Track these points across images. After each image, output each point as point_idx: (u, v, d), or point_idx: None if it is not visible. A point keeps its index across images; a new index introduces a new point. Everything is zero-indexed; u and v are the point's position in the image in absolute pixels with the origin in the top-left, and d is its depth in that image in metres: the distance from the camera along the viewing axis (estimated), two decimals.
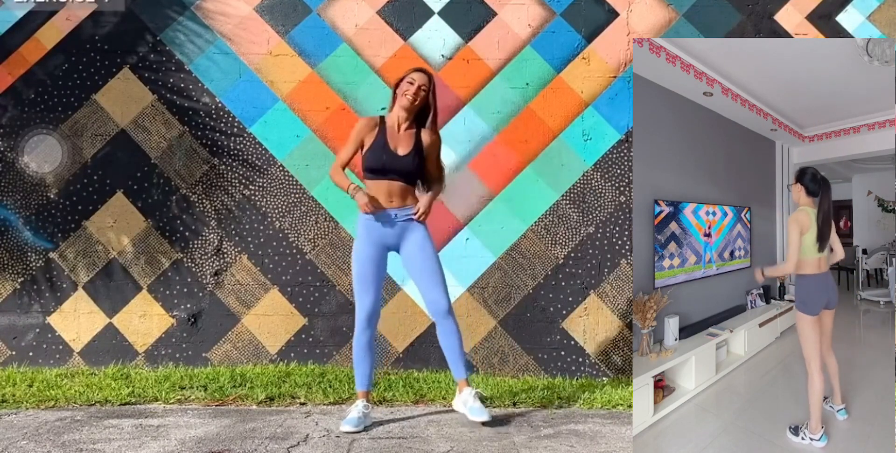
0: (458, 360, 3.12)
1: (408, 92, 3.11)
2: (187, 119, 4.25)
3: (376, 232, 3.11)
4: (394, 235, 3.13)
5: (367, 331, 3.12)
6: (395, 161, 3.10)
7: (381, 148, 3.11)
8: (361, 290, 3.11)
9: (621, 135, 4.28)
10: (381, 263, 3.14)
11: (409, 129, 3.18)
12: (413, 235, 3.13)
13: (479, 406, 3.02)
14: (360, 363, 3.13)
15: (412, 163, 3.12)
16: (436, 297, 3.10)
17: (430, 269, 3.11)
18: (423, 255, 3.11)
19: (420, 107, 3.17)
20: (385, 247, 3.14)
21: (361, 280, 3.11)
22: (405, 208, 3.13)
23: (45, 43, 4.25)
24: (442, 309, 3.09)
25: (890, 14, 4.38)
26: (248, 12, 4.30)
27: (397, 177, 3.11)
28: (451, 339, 3.12)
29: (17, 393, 3.46)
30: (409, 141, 3.15)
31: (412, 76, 3.14)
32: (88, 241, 4.19)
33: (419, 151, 3.14)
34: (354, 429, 2.93)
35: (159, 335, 4.16)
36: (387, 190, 3.11)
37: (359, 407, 3.05)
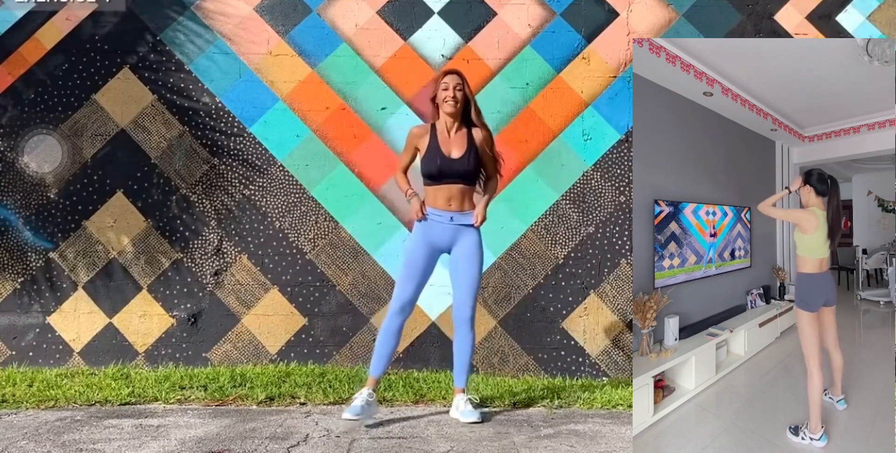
0: (463, 369, 3.20)
1: (448, 98, 3.16)
2: (187, 119, 4.25)
3: (432, 233, 3.17)
4: (448, 238, 3.18)
5: (398, 316, 3.17)
6: (450, 164, 3.14)
7: (435, 153, 3.16)
8: (405, 278, 3.16)
9: (621, 135, 4.29)
10: (430, 261, 3.20)
11: (460, 131, 3.22)
12: (466, 241, 3.18)
13: (469, 409, 3.10)
14: (382, 347, 3.17)
15: (468, 163, 3.16)
16: (463, 304, 3.16)
17: (470, 277, 3.16)
18: (468, 263, 3.16)
19: (463, 107, 3.21)
20: (438, 249, 3.20)
21: (407, 271, 3.16)
22: (464, 214, 3.17)
23: (45, 43, 4.25)
24: (466, 316, 3.16)
25: (890, 14, 4.38)
26: (248, 12, 4.30)
27: (456, 180, 3.16)
28: (463, 348, 3.19)
29: (17, 393, 3.46)
30: (462, 142, 3.19)
31: (444, 81, 3.18)
32: (88, 241, 4.19)
33: (474, 151, 3.18)
34: (355, 418, 2.95)
35: (159, 335, 4.16)
36: (446, 194, 3.16)
37: (363, 395, 3.08)
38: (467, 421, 3.04)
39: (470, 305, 3.15)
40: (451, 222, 3.15)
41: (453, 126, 3.21)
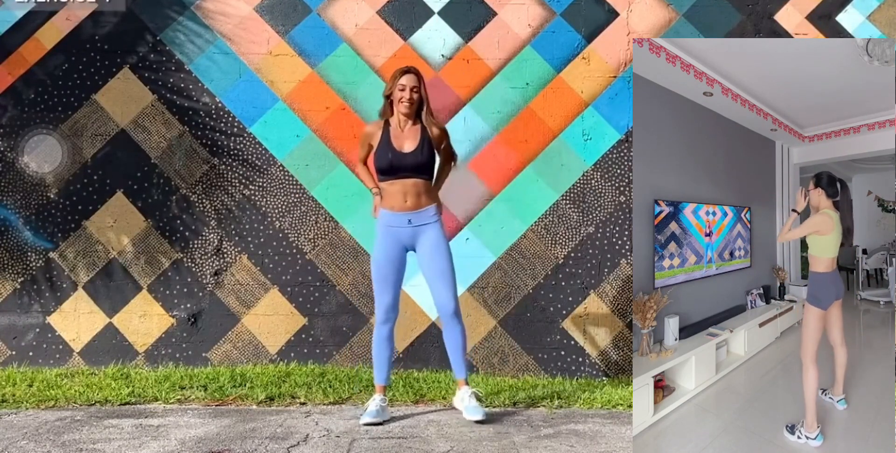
0: (460, 361, 3.21)
1: (403, 99, 3.19)
2: (187, 119, 4.25)
3: (393, 233, 3.18)
4: (410, 236, 3.19)
5: (385, 324, 3.21)
6: (401, 158, 3.16)
7: (386, 147, 3.19)
8: (380, 289, 3.20)
9: (621, 135, 4.29)
10: (399, 263, 3.21)
11: (414, 126, 3.25)
12: (428, 236, 3.19)
13: (475, 405, 3.10)
14: (379, 356, 3.22)
15: (421, 156, 3.18)
16: (444, 298, 3.17)
17: (441, 270, 3.17)
18: (436, 257, 3.17)
19: (418, 106, 3.25)
20: (403, 248, 3.21)
21: (380, 279, 3.20)
22: (421, 212, 3.18)
23: (45, 43, 4.25)
24: (449, 310, 3.17)
25: (890, 14, 4.38)
26: (248, 12, 4.30)
27: (409, 174, 3.17)
28: (455, 340, 3.20)
29: (17, 393, 3.46)
30: (415, 136, 3.22)
31: (401, 82, 3.20)
32: (88, 241, 4.19)
33: (427, 144, 3.20)
34: (375, 420, 3.00)
35: (159, 335, 4.16)
36: (401, 189, 3.17)
37: (377, 400, 3.13)
38: (472, 418, 3.04)
39: (451, 298, 3.16)
40: (409, 225, 3.17)
41: (406, 123, 3.25)
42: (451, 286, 3.17)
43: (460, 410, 3.16)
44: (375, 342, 3.23)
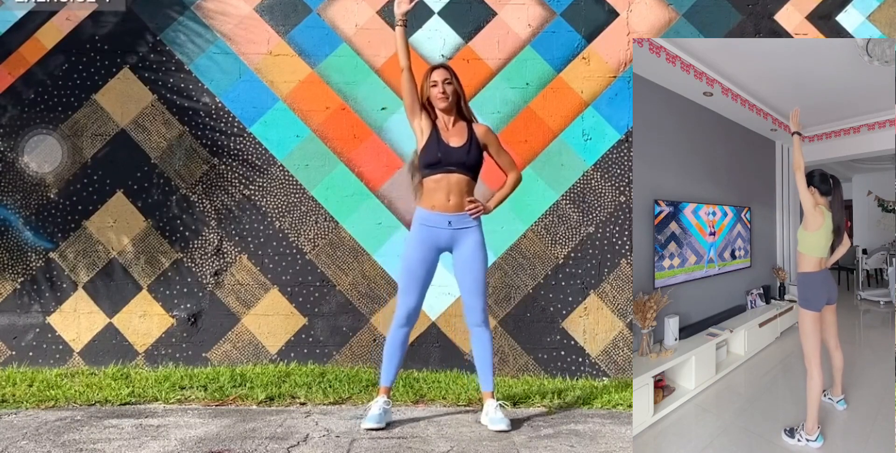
0: (487, 371, 3.12)
1: (438, 95, 3.11)
2: (187, 119, 4.25)
3: (431, 233, 3.08)
4: (448, 238, 3.10)
5: (403, 327, 3.11)
6: (450, 153, 3.08)
7: (434, 142, 3.09)
8: (406, 289, 3.09)
9: (621, 135, 4.29)
10: (431, 265, 3.11)
11: (459, 123, 3.18)
12: (468, 241, 3.10)
13: (500, 416, 3.00)
14: (390, 358, 3.11)
15: (468, 154, 3.09)
16: (474, 306, 3.10)
17: (476, 279, 3.09)
18: (474, 264, 3.09)
19: (457, 100, 3.16)
20: (438, 249, 3.12)
21: (408, 279, 3.09)
22: (462, 215, 3.09)
23: (45, 43, 4.25)
24: (479, 319, 3.11)
25: (890, 14, 4.38)
26: (249, 12, 4.30)
27: (455, 169, 3.08)
28: (481, 349, 3.13)
29: (17, 393, 3.46)
30: (462, 134, 3.14)
31: (433, 78, 3.13)
32: (88, 241, 4.19)
33: (475, 142, 3.13)
34: (377, 426, 2.93)
35: (159, 335, 4.16)
36: (446, 185, 3.07)
37: (380, 403, 3.04)
38: (495, 428, 2.95)
39: (480, 309, 3.10)
40: (450, 226, 3.08)
41: (450, 120, 3.17)
42: (483, 295, 3.10)
43: (485, 424, 3.03)
44: (389, 345, 3.10)
